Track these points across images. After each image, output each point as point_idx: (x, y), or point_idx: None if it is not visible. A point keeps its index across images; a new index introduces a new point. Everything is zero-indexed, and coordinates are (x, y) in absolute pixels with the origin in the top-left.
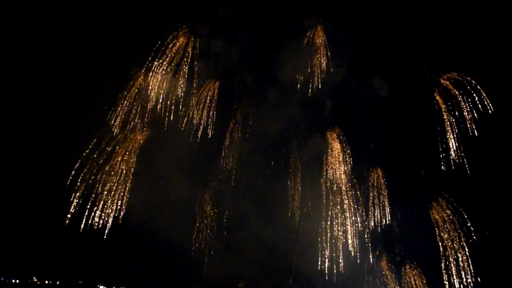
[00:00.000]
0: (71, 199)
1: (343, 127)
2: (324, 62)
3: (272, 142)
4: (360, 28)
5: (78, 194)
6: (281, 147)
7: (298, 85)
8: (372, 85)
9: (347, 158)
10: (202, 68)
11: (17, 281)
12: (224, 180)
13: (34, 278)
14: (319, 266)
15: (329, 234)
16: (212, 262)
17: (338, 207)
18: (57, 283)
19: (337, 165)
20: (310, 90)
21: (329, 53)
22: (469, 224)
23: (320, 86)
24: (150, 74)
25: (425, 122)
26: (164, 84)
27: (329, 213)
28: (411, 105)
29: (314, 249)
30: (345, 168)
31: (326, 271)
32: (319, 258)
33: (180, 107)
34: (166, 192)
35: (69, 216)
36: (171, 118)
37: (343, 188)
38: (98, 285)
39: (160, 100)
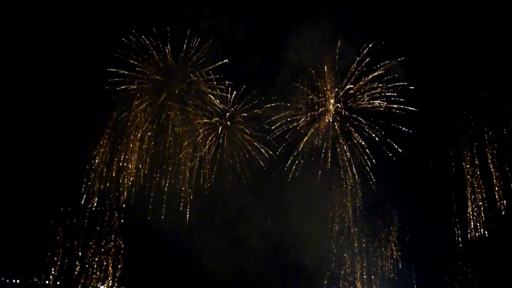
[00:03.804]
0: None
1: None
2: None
3: (277, 132)
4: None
5: None
6: (286, 137)
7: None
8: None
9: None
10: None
11: (18, 281)
12: (226, 172)
13: (34, 278)
14: None
15: None
16: (214, 259)
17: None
18: (57, 283)
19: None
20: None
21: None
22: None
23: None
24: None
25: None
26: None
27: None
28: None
29: (318, 243)
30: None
31: None
32: None
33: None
34: (165, 188)
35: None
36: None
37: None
38: (98, 285)
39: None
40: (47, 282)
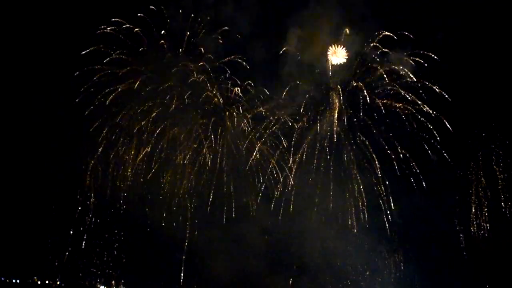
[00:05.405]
0: None
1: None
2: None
3: (279, 131)
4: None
5: None
6: (288, 133)
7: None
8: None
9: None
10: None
11: (18, 281)
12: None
13: (34, 278)
14: None
15: None
16: (215, 258)
17: None
18: (58, 283)
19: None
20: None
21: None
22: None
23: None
24: None
25: None
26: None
27: None
28: None
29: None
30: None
31: None
32: None
33: None
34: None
35: None
36: None
37: None
38: (98, 285)
39: None
40: (47, 282)
